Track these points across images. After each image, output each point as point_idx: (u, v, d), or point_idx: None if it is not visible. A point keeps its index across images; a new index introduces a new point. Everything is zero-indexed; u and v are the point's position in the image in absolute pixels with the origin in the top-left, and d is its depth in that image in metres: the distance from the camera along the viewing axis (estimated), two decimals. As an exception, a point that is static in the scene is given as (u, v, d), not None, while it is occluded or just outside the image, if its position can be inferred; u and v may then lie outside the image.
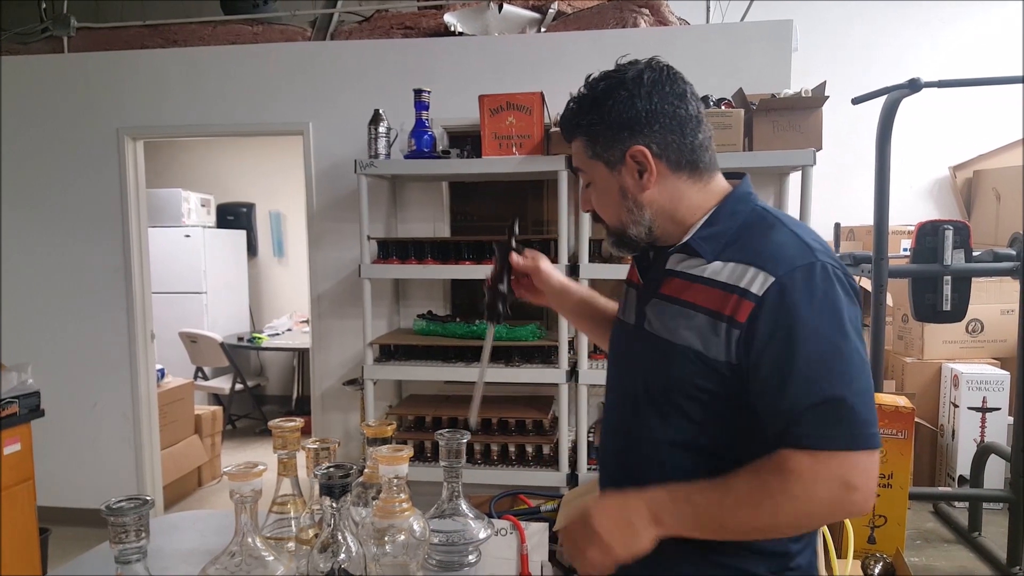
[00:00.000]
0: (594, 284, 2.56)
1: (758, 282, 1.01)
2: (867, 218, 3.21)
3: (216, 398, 5.92)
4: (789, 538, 1.10)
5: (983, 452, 3.16)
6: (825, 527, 2.35)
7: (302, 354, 5.98)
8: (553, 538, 2.55)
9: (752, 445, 1.04)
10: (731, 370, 1.03)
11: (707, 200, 1.14)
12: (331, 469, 1.14)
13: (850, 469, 0.96)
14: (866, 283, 3.59)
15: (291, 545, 1.30)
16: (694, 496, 1.02)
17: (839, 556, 2.36)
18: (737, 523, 1.01)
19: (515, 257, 1.38)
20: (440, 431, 1.54)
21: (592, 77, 1.15)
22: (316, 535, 1.18)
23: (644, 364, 1.17)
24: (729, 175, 1.20)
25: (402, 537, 1.25)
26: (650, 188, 1.13)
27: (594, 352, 3.10)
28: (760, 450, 1.02)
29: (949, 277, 3.02)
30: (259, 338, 5.84)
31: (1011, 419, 3.24)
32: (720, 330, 1.03)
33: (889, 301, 3.59)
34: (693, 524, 1.02)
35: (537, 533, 1.77)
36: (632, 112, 1.10)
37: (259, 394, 6.26)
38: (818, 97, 2.86)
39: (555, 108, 3.18)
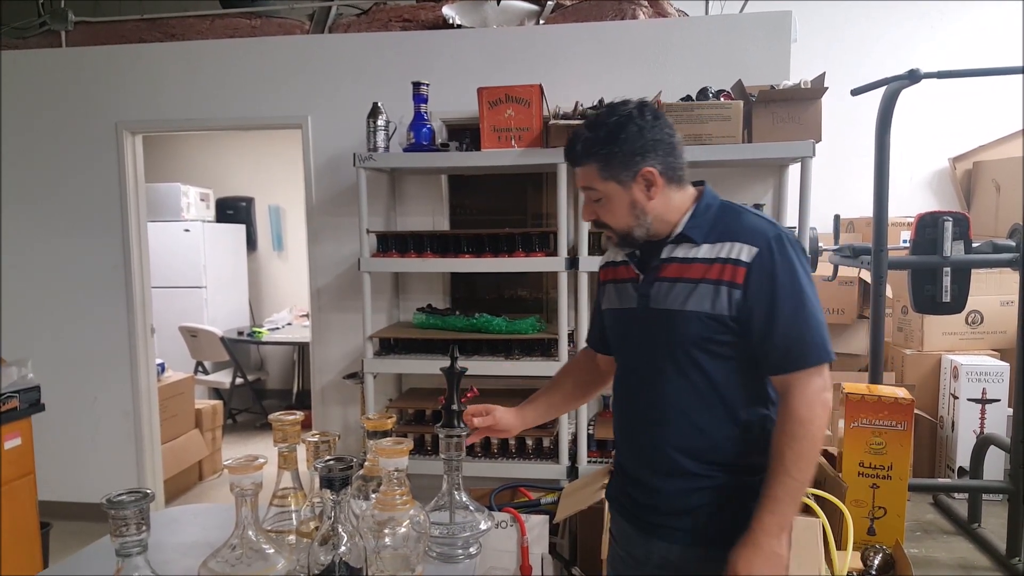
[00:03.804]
0: (592, 275, 2.55)
1: (745, 252, 1.37)
2: (866, 210, 3.20)
3: (216, 392, 5.93)
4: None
5: (983, 443, 3.16)
6: (825, 519, 2.36)
7: (302, 348, 5.98)
8: (553, 530, 2.55)
9: (749, 385, 1.42)
10: (733, 321, 1.38)
11: (685, 202, 1.47)
12: (331, 462, 1.15)
13: (820, 379, 1.36)
14: (866, 275, 3.59)
15: (292, 538, 1.30)
16: (776, 491, 1.33)
17: (839, 548, 2.36)
18: (806, 472, 1.34)
19: (476, 421, 1.61)
20: (440, 424, 1.55)
21: (598, 114, 1.45)
22: (317, 528, 1.19)
23: (656, 332, 1.45)
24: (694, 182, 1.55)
25: (402, 529, 1.26)
26: (655, 199, 1.43)
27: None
28: (754, 391, 1.43)
29: (948, 268, 3.02)
30: (259, 332, 5.84)
31: (1011, 410, 3.24)
32: (722, 293, 1.37)
33: (888, 293, 3.59)
34: (795, 505, 1.35)
35: (537, 526, 1.79)
36: (642, 141, 1.40)
37: (259, 388, 6.27)
38: (817, 88, 2.85)
39: (554, 101, 3.17)
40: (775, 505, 1.32)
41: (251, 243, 6.71)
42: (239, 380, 5.74)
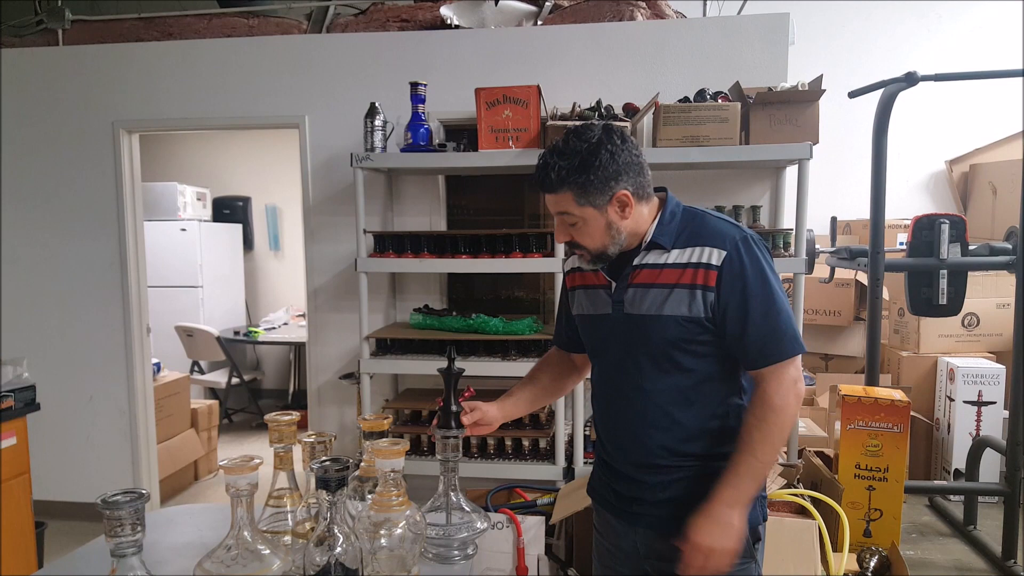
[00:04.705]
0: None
1: (714, 256, 1.43)
2: (863, 212, 3.21)
3: (212, 392, 5.92)
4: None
5: (978, 446, 3.17)
6: (821, 521, 2.36)
7: (298, 348, 5.97)
8: (550, 532, 2.55)
9: (726, 379, 1.49)
10: (708, 322, 1.44)
11: (652, 213, 1.52)
12: (327, 463, 1.14)
13: (794, 370, 1.43)
14: (862, 277, 3.59)
15: (287, 539, 1.30)
16: (740, 468, 1.40)
17: (835, 549, 2.37)
18: (770, 455, 1.42)
19: (463, 420, 1.61)
20: (437, 425, 1.54)
21: (566, 140, 1.45)
22: (312, 529, 1.18)
23: (635, 336, 1.50)
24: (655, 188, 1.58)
25: (398, 530, 1.25)
26: (628, 219, 1.47)
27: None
28: (730, 384, 1.50)
29: (945, 271, 3.02)
30: (255, 332, 5.83)
31: (1006, 413, 3.25)
32: (697, 295, 1.43)
33: (885, 295, 3.60)
34: (755, 484, 1.42)
35: (534, 527, 1.78)
36: (615, 166, 1.43)
37: (255, 388, 6.26)
38: (815, 91, 2.85)
39: (552, 102, 3.18)
40: (736, 480, 1.40)
41: (248, 243, 6.70)
42: (235, 380, 5.73)
